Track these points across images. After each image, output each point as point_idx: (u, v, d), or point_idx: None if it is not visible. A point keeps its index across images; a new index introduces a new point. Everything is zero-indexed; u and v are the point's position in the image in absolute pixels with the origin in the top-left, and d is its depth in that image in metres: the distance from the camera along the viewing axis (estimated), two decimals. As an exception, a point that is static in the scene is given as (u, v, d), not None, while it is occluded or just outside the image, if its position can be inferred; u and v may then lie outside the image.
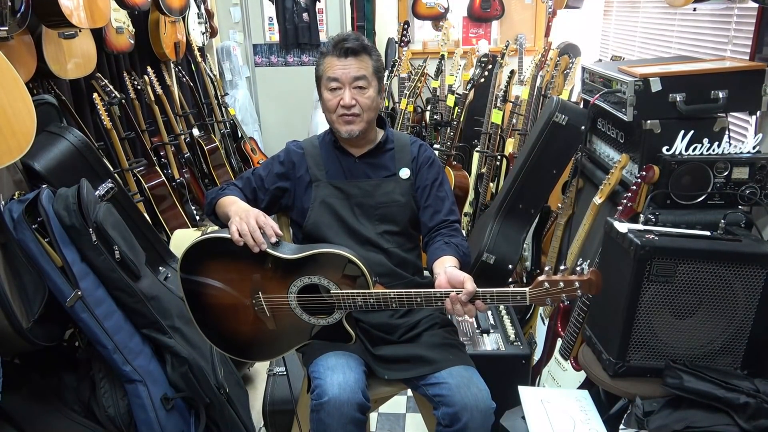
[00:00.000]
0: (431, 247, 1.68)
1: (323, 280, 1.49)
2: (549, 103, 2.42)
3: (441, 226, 1.72)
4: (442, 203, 1.74)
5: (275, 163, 1.77)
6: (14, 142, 1.58)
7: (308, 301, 1.52)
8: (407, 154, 1.76)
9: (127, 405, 1.79)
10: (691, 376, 1.44)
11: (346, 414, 1.43)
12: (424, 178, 1.74)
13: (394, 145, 1.77)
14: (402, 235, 1.72)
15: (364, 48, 1.65)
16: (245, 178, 1.78)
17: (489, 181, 3.24)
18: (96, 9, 2.43)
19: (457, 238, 1.68)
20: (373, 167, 1.74)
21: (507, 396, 1.71)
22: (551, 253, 2.41)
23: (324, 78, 1.67)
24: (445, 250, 1.61)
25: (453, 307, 1.41)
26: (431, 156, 1.79)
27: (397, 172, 1.74)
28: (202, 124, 4.40)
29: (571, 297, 1.39)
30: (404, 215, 1.72)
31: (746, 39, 2.02)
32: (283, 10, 5.04)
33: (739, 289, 1.45)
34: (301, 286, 1.51)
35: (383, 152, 1.76)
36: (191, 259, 1.54)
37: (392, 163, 1.75)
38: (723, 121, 1.74)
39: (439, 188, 1.75)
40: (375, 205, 1.70)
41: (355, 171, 1.74)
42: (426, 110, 4.35)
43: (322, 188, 1.72)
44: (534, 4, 4.91)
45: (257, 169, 1.79)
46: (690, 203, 1.69)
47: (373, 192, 1.71)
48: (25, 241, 1.63)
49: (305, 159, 1.75)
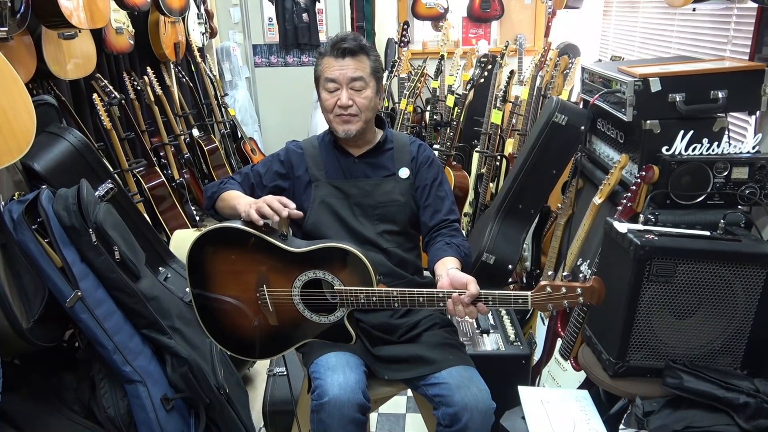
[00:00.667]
0: (432, 247, 1.68)
1: (328, 275, 1.50)
2: (549, 104, 2.42)
3: (441, 225, 1.72)
4: (441, 203, 1.74)
5: (275, 162, 1.77)
6: (14, 142, 1.58)
7: (311, 296, 1.53)
8: (406, 153, 1.76)
9: (127, 405, 1.79)
10: (691, 376, 1.44)
11: (347, 414, 1.43)
12: (424, 178, 1.75)
13: (393, 145, 1.77)
14: (401, 234, 1.73)
15: (362, 48, 1.66)
16: (243, 173, 1.78)
17: (489, 181, 3.24)
18: (96, 9, 2.43)
19: (458, 239, 1.68)
20: (372, 167, 1.75)
21: (507, 396, 1.71)
22: (551, 253, 2.41)
23: (322, 78, 1.67)
24: (447, 251, 1.61)
25: (455, 308, 1.41)
26: (430, 155, 1.79)
27: (396, 172, 1.74)
28: (201, 124, 4.40)
29: (573, 304, 1.40)
30: (404, 215, 1.72)
31: (746, 39, 2.02)
32: (283, 11, 5.04)
33: (738, 289, 1.46)
34: (306, 281, 1.52)
35: (382, 152, 1.76)
36: (200, 250, 1.54)
37: (391, 162, 1.75)
38: (722, 121, 1.75)
39: (439, 188, 1.75)
40: (374, 204, 1.71)
41: (354, 171, 1.74)
42: (426, 110, 4.35)
43: (322, 188, 1.72)
44: (533, 5, 4.91)
45: (255, 166, 1.79)
46: (690, 203, 1.69)
47: (373, 192, 1.71)
48: (24, 242, 1.63)
49: (304, 159, 1.75)
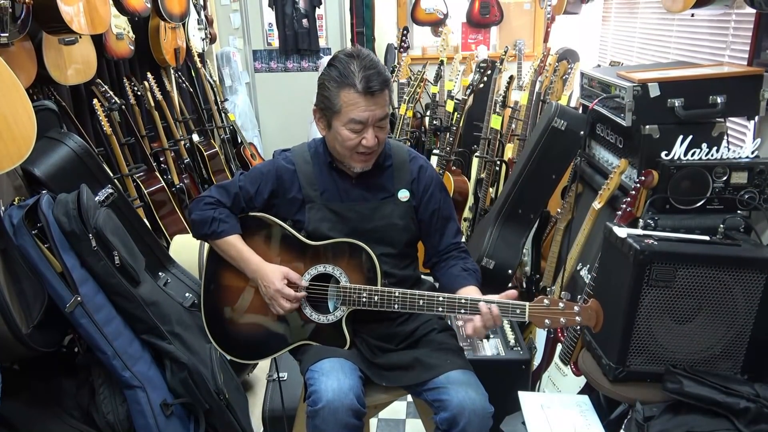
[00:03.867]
0: (447, 272, 1.67)
1: (336, 270, 1.58)
2: (548, 109, 2.43)
3: (450, 248, 1.71)
4: (447, 225, 1.72)
5: (264, 182, 1.65)
6: (14, 147, 1.59)
7: (315, 291, 1.59)
8: (406, 173, 1.68)
9: (126, 411, 1.78)
10: (691, 381, 1.44)
11: (341, 420, 1.43)
12: (429, 206, 1.69)
13: (393, 161, 1.69)
14: (398, 256, 1.68)
15: (387, 83, 1.55)
16: (232, 194, 1.65)
17: (488, 186, 3.24)
18: (96, 15, 2.43)
19: (470, 262, 1.69)
20: (370, 188, 1.67)
21: (507, 401, 1.70)
22: (551, 258, 2.41)
23: (345, 116, 1.53)
24: (468, 279, 1.61)
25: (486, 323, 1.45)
26: (432, 177, 1.71)
27: (396, 194, 1.67)
28: (201, 129, 4.40)
29: (570, 323, 1.41)
30: (402, 237, 1.67)
31: (744, 44, 2.02)
32: (283, 16, 5.05)
33: (738, 294, 1.45)
34: (315, 275, 1.60)
35: (381, 170, 1.68)
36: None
37: (390, 182, 1.67)
38: (721, 126, 1.75)
39: (443, 209, 1.71)
40: (372, 228, 1.64)
41: (351, 194, 1.66)
42: (425, 115, 4.36)
43: (317, 210, 1.64)
44: (533, 10, 4.93)
45: (243, 183, 1.66)
46: (689, 208, 1.69)
47: (371, 216, 1.65)
48: (24, 247, 1.63)
49: (297, 177, 1.65)
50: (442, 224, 1.72)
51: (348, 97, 1.51)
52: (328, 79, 1.54)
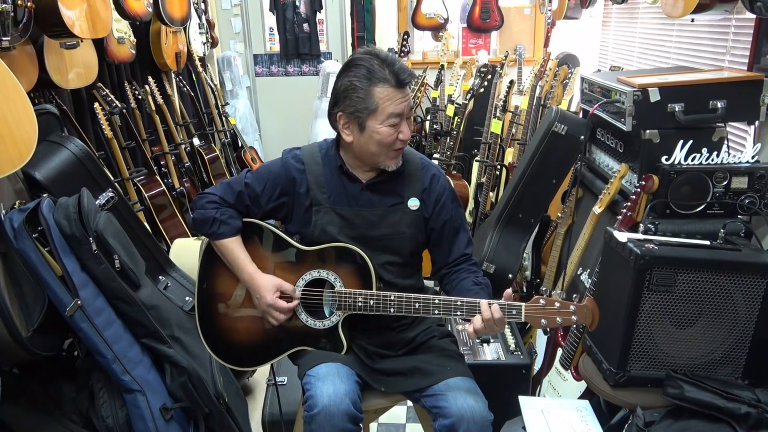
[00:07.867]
0: (459, 284, 1.62)
1: (331, 275, 1.56)
2: (548, 113, 2.43)
3: (460, 260, 1.67)
4: (457, 235, 1.68)
5: (274, 180, 1.63)
6: (15, 151, 1.59)
7: (310, 297, 1.58)
8: (417, 182, 1.64)
9: (125, 415, 1.78)
10: (692, 386, 1.43)
11: (337, 425, 1.42)
12: (441, 217, 1.65)
13: (405, 168, 1.64)
14: (403, 266, 1.65)
15: (413, 74, 1.58)
16: (236, 192, 1.61)
17: (489, 190, 3.24)
18: (97, 19, 2.44)
19: (481, 275, 1.65)
20: (379, 194, 1.63)
21: (507, 406, 1.70)
22: (551, 262, 2.41)
23: (383, 112, 1.50)
24: (480, 294, 1.56)
25: (487, 324, 1.44)
26: (445, 187, 1.67)
27: (405, 202, 1.63)
28: (202, 133, 4.41)
29: (567, 322, 1.41)
30: (408, 247, 1.64)
31: (744, 49, 2.03)
32: (284, 21, 5.07)
33: (739, 299, 1.45)
34: (309, 280, 1.58)
35: (392, 177, 1.63)
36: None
37: (401, 189, 1.64)
38: (722, 131, 1.75)
39: (455, 219, 1.68)
40: (378, 236, 1.61)
41: (360, 199, 1.62)
42: (426, 120, 4.36)
43: (324, 215, 1.60)
44: (533, 15, 4.94)
45: (250, 181, 1.63)
46: (689, 213, 1.69)
47: (379, 223, 1.61)
48: (25, 251, 1.63)
49: (306, 177, 1.62)
50: (453, 235, 1.67)
51: (383, 93, 1.49)
52: (356, 80, 1.51)
